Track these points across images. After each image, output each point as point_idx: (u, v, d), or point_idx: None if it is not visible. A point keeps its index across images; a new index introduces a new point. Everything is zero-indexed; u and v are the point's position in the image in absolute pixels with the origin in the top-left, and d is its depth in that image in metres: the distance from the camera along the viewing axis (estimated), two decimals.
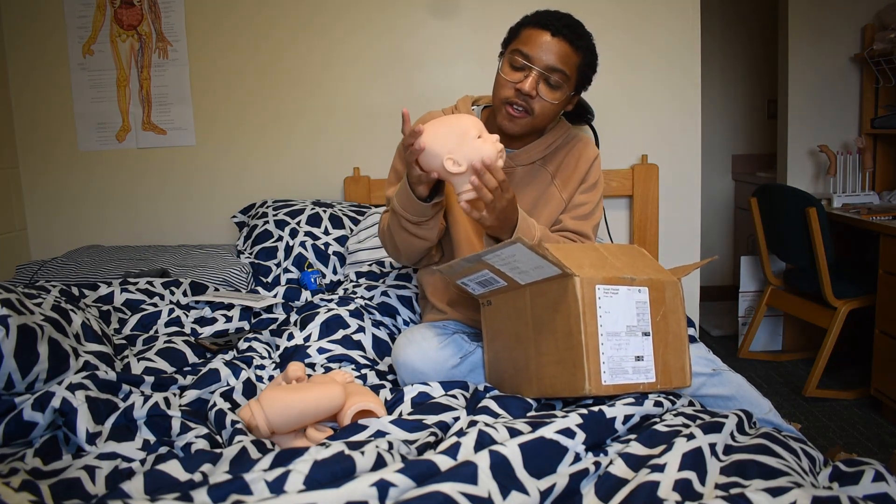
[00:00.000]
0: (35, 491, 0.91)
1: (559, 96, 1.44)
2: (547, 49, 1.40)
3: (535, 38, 1.41)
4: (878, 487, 0.88)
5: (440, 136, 1.26)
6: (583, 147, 1.58)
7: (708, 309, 3.72)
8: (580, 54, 1.43)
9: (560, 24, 1.40)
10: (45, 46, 2.43)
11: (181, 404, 1.25)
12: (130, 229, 2.53)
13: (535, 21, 1.43)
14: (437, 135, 1.26)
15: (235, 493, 0.79)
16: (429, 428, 1.07)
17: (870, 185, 3.02)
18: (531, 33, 1.42)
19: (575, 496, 0.89)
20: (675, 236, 2.48)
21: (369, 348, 1.58)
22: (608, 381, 1.12)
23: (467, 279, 1.30)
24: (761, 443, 0.98)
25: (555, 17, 1.42)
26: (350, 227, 2.24)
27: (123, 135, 2.48)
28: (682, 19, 2.39)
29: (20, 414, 1.11)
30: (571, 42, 1.41)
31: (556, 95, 1.43)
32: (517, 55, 1.42)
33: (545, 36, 1.40)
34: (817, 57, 3.09)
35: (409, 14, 2.42)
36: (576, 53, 1.42)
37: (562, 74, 1.41)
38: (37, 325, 1.24)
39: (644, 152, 2.44)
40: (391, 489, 0.79)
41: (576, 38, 1.41)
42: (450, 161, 1.26)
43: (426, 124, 1.28)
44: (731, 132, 4.09)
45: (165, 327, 1.70)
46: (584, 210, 1.55)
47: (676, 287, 1.24)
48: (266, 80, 2.45)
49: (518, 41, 1.43)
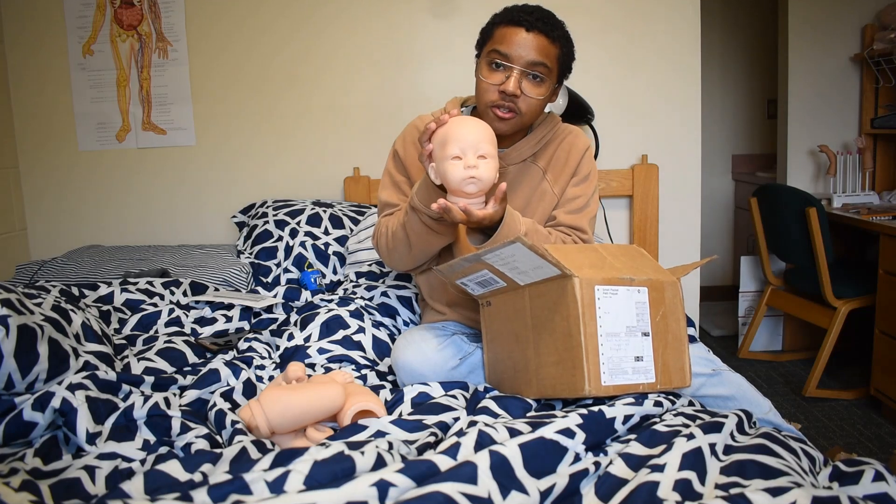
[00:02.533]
0: (35, 491, 0.91)
1: (543, 91, 1.42)
2: (525, 45, 1.38)
3: (510, 37, 1.38)
4: (878, 487, 0.88)
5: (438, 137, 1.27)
6: (573, 139, 1.56)
7: (708, 309, 3.72)
8: (557, 45, 1.41)
9: (533, 18, 1.38)
10: (45, 47, 2.43)
11: (181, 404, 1.25)
12: (130, 229, 2.53)
13: (507, 19, 1.41)
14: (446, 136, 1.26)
15: (235, 493, 0.79)
16: (429, 428, 1.07)
17: (870, 185, 3.02)
18: (505, 32, 1.39)
19: (575, 496, 0.89)
20: (675, 236, 2.48)
21: (369, 349, 1.58)
22: (608, 382, 1.12)
23: (466, 279, 1.30)
24: (761, 443, 0.98)
25: (525, 12, 1.40)
26: (350, 227, 2.24)
27: (123, 135, 2.48)
28: (682, 19, 2.39)
29: (20, 414, 1.11)
30: (547, 34, 1.39)
31: (540, 90, 1.41)
32: (495, 55, 1.39)
33: (520, 32, 1.38)
34: (817, 57, 3.09)
35: (409, 14, 2.42)
36: (553, 45, 1.40)
37: (544, 67, 1.39)
38: (37, 325, 1.24)
39: (644, 152, 2.44)
40: (391, 489, 0.79)
41: (551, 30, 1.39)
42: (431, 169, 1.29)
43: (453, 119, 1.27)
44: (731, 132, 4.09)
45: (165, 327, 1.70)
46: (577, 203, 1.52)
47: (676, 287, 1.23)
48: (266, 79, 2.45)
49: (493, 41, 1.41)
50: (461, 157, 1.24)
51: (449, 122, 1.28)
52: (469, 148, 1.24)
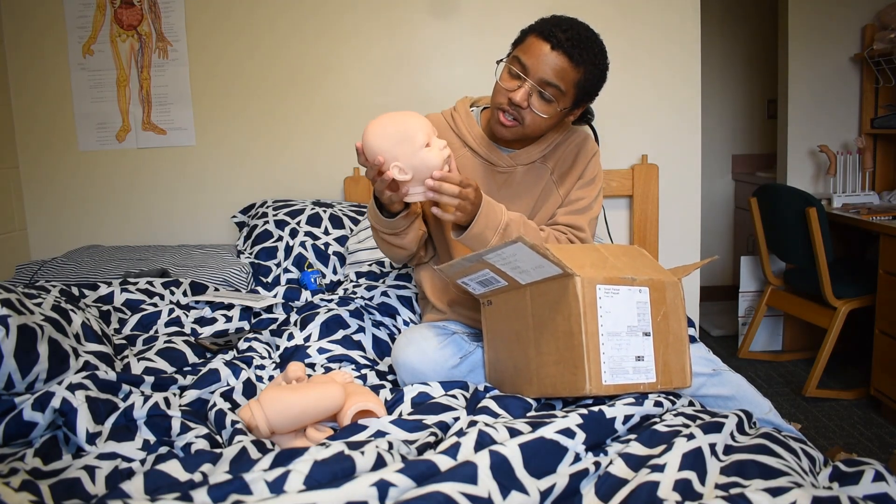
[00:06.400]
0: (35, 491, 0.91)
1: (552, 110, 1.40)
2: (544, 62, 1.35)
3: (535, 49, 1.37)
4: (878, 487, 0.88)
5: (386, 139, 1.26)
6: (581, 143, 1.56)
7: (708, 309, 3.72)
8: (581, 69, 1.37)
9: (563, 37, 1.34)
10: (45, 47, 2.43)
11: (181, 404, 1.25)
12: (130, 229, 2.53)
13: (539, 29, 1.38)
14: (384, 136, 1.26)
15: (235, 493, 0.79)
16: (429, 428, 1.07)
17: (870, 185, 3.02)
18: (533, 42, 1.37)
19: (575, 496, 0.89)
20: (675, 236, 2.48)
21: (369, 348, 1.58)
22: (608, 381, 1.12)
23: (468, 278, 1.30)
24: (761, 443, 0.98)
25: (560, 28, 1.36)
26: (350, 227, 2.24)
27: (123, 135, 2.48)
28: (682, 19, 2.39)
29: (20, 414, 1.11)
30: (571, 57, 1.35)
31: (548, 109, 1.40)
32: (516, 63, 1.39)
33: (545, 47, 1.35)
34: (817, 57, 3.08)
35: (409, 14, 2.41)
36: (575, 69, 1.36)
37: (556, 90, 1.37)
38: (37, 325, 1.24)
39: (644, 152, 2.44)
40: (391, 489, 0.79)
41: (578, 53, 1.35)
42: (396, 169, 1.27)
43: (373, 121, 1.28)
44: (731, 132, 4.09)
45: (165, 327, 1.70)
46: (580, 205, 1.53)
47: (677, 288, 1.24)
48: (266, 79, 2.45)
49: (521, 48, 1.40)
50: (429, 143, 1.26)
51: (387, 118, 1.28)
52: (431, 132, 1.28)
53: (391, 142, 1.26)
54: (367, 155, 1.28)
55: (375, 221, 1.43)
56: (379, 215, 1.40)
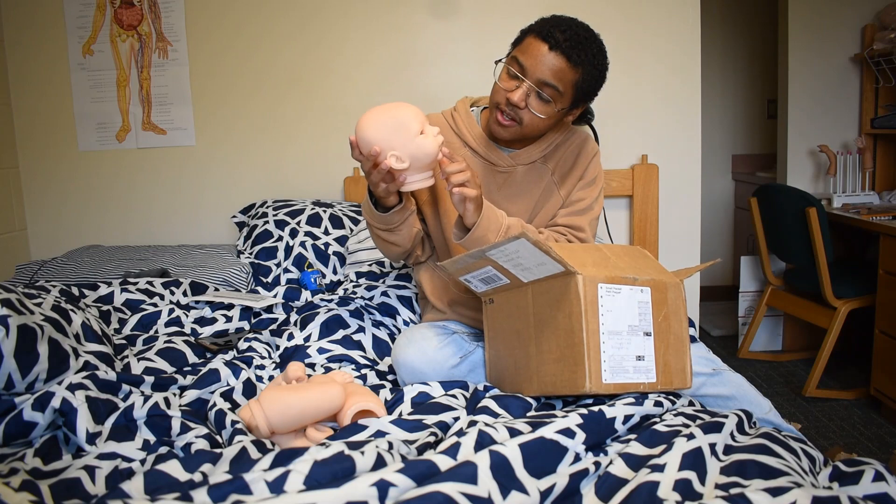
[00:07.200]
0: (35, 491, 0.91)
1: (550, 111, 1.40)
2: (542, 62, 1.35)
3: (533, 49, 1.37)
4: (878, 487, 0.88)
5: (381, 129, 1.27)
6: (582, 143, 1.56)
7: (708, 309, 3.72)
8: (579, 70, 1.37)
9: (562, 38, 1.34)
10: (45, 47, 2.43)
11: (181, 404, 1.25)
12: (130, 229, 2.53)
13: (538, 30, 1.38)
14: (378, 126, 1.27)
15: (235, 493, 0.79)
16: (429, 428, 1.07)
17: (870, 185, 3.02)
18: (531, 42, 1.37)
19: (575, 496, 0.89)
20: (675, 236, 2.48)
21: (369, 348, 1.58)
22: (609, 380, 1.12)
23: (470, 276, 1.30)
24: (761, 443, 0.98)
25: (559, 29, 1.35)
26: (350, 227, 2.24)
27: (123, 135, 2.48)
28: (682, 19, 2.39)
29: (20, 414, 1.11)
30: (569, 58, 1.35)
31: (546, 110, 1.40)
32: (514, 63, 1.39)
33: (543, 48, 1.35)
34: (817, 57, 3.09)
35: (409, 14, 2.41)
36: (573, 70, 1.36)
37: (553, 90, 1.37)
38: (37, 325, 1.24)
39: (644, 152, 2.44)
40: (391, 489, 0.79)
41: (576, 54, 1.35)
42: (393, 158, 1.26)
43: (365, 113, 1.29)
44: (730, 132, 4.09)
45: (165, 327, 1.70)
46: (580, 205, 1.53)
47: (679, 288, 1.24)
48: (266, 79, 2.45)
49: (519, 48, 1.40)
50: (423, 130, 1.27)
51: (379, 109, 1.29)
52: (423, 120, 1.28)
53: (386, 132, 1.26)
54: (362, 147, 1.28)
55: (370, 217, 1.43)
56: (373, 210, 1.40)
